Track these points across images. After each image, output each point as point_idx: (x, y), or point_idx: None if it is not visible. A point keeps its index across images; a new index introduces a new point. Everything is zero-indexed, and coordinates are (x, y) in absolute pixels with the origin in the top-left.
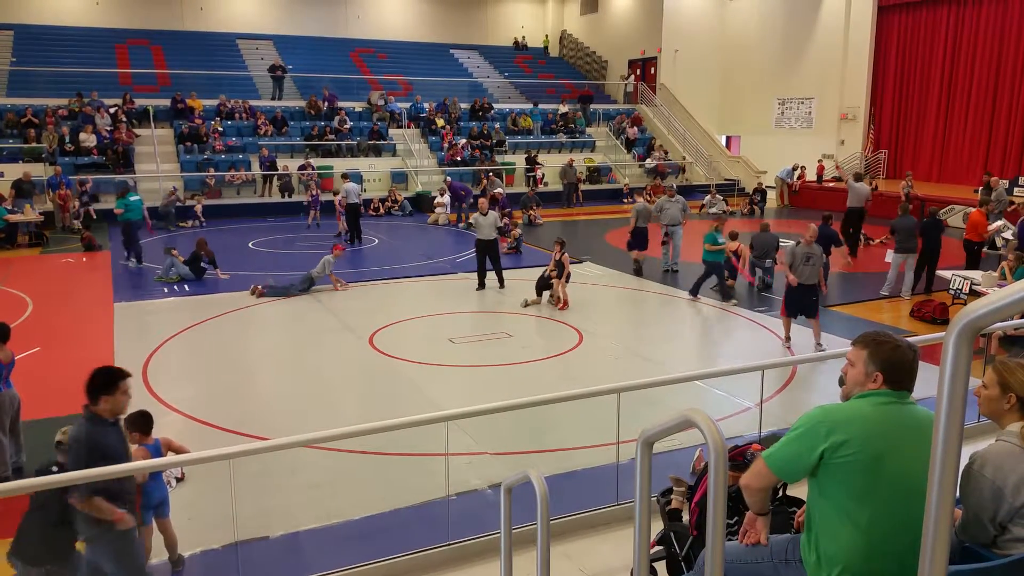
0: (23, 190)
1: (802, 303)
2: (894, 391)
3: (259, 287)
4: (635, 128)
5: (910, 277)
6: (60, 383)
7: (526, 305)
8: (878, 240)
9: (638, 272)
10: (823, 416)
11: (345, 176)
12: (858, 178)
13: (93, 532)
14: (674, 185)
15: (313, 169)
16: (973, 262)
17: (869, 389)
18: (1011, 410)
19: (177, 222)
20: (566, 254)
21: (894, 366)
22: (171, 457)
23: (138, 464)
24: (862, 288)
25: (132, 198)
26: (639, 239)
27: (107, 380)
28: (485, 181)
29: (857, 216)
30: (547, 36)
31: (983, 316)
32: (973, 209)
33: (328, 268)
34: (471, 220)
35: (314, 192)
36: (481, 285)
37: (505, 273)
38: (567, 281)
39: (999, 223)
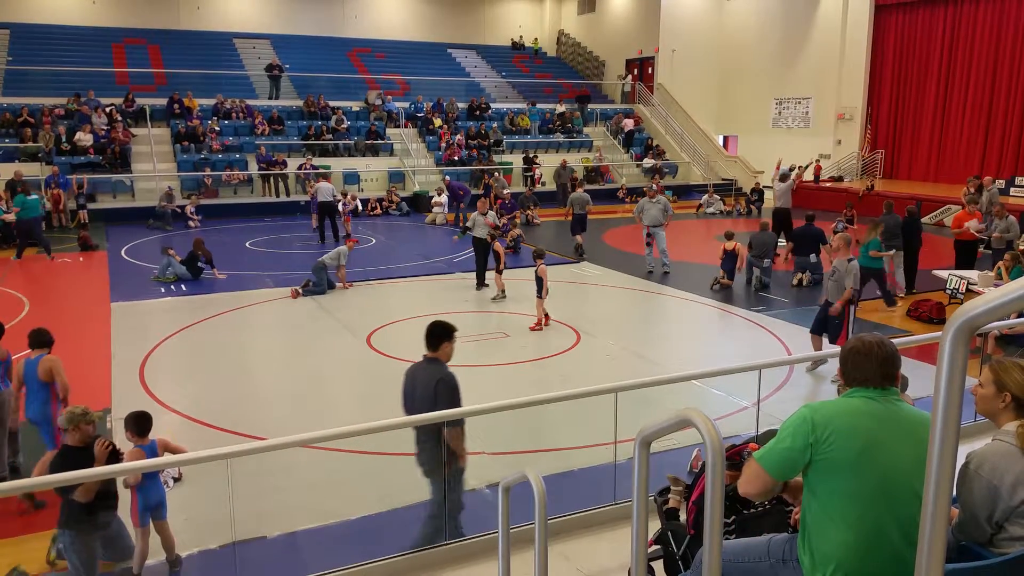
0: (16, 191)
1: (824, 321)
2: (873, 388)
3: (298, 289)
4: (630, 120)
5: (900, 275)
6: None
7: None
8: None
9: (580, 253)
10: (808, 413)
11: (321, 176)
12: (783, 178)
13: (437, 465)
14: (653, 186)
15: (314, 168)
16: (964, 262)
17: (849, 388)
18: (1007, 409)
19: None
20: (542, 265)
21: (856, 368)
22: (168, 457)
23: (135, 464)
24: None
25: (30, 197)
26: (577, 224)
27: (447, 329)
28: (490, 181)
29: (784, 216)
30: (536, 39)
31: (979, 315)
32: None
33: (343, 259)
34: (470, 220)
35: (314, 195)
36: (480, 284)
37: (503, 273)
38: (544, 297)
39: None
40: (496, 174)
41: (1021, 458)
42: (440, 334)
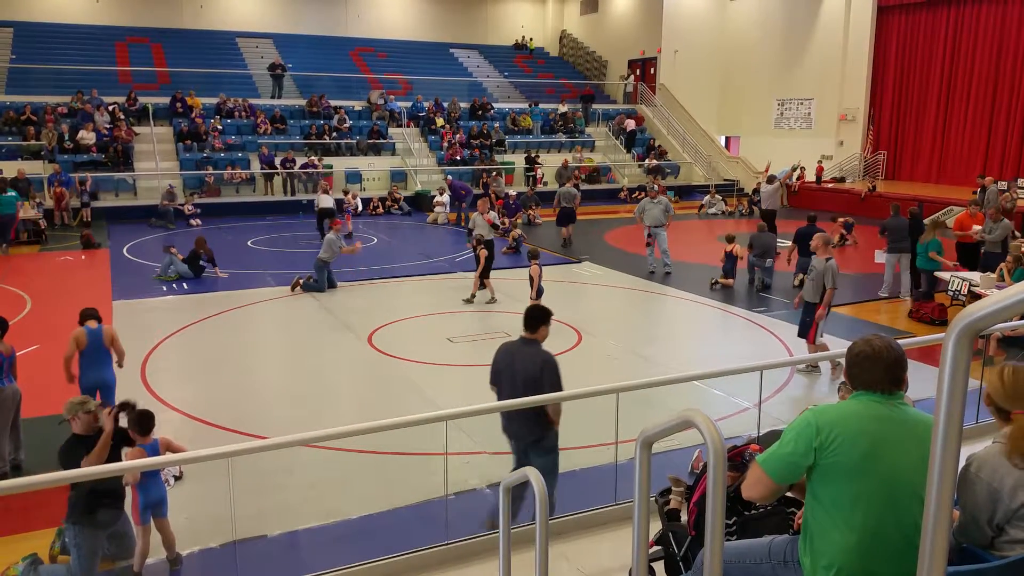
0: (18, 188)
1: (801, 321)
2: (878, 392)
3: (299, 281)
4: (632, 120)
5: (906, 278)
6: (58, 381)
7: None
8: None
9: (566, 245)
10: (813, 417)
11: (321, 191)
12: (770, 180)
13: (541, 435)
14: (655, 186)
15: (317, 167)
16: (966, 263)
17: (854, 392)
18: (995, 413)
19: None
20: (535, 265)
21: (864, 372)
22: (169, 456)
23: (136, 463)
24: (861, 289)
25: (9, 194)
26: (563, 217)
27: (546, 314)
28: (489, 180)
29: (770, 217)
30: (531, 39)
31: (983, 318)
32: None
33: (334, 246)
34: (471, 220)
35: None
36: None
37: (503, 272)
38: (538, 298)
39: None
40: (494, 174)
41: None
42: (539, 317)
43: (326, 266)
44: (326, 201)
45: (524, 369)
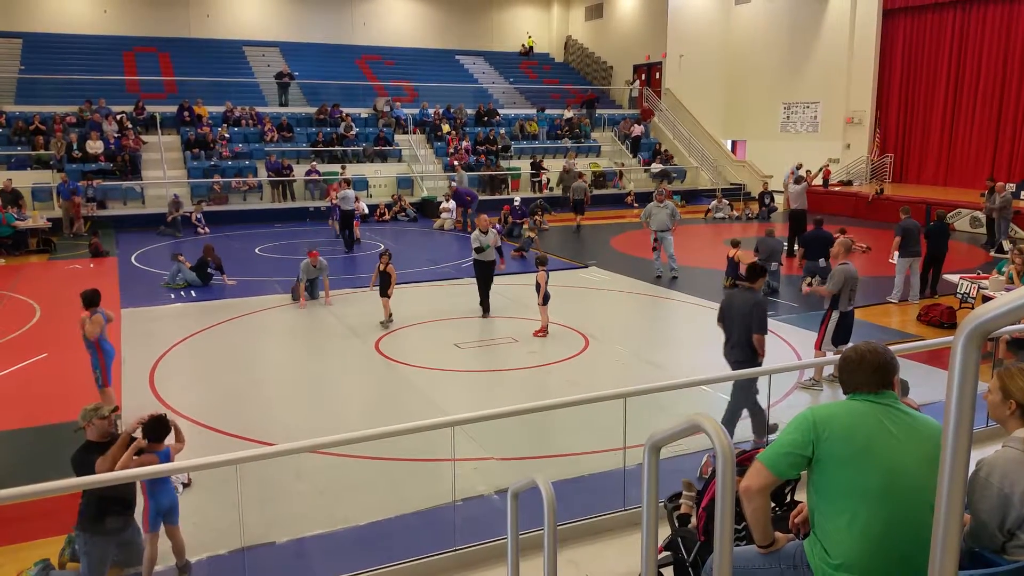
0: (6, 199)
1: (847, 331)
2: (867, 392)
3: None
4: (640, 126)
5: (916, 281)
6: (67, 388)
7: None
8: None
9: (577, 231)
10: (810, 414)
11: (344, 183)
12: (799, 181)
13: (753, 362)
14: (663, 190)
15: (319, 174)
16: None
17: (848, 395)
18: (1013, 416)
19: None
20: (542, 272)
21: (851, 376)
22: (177, 463)
23: (144, 470)
24: (870, 293)
25: None
26: (576, 207)
27: (763, 269)
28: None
29: (800, 217)
30: (530, 38)
31: (992, 320)
32: (979, 212)
33: (303, 274)
34: (473, 239)
35: (333, 200)
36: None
37: (510, 278)
38: (545, 303)
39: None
40: (456, 165)
41: None
42: (757, 272)
43: (306, 280)
44: (348, 202)
45: (740, 308)
